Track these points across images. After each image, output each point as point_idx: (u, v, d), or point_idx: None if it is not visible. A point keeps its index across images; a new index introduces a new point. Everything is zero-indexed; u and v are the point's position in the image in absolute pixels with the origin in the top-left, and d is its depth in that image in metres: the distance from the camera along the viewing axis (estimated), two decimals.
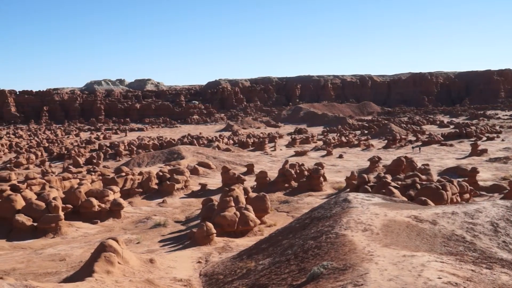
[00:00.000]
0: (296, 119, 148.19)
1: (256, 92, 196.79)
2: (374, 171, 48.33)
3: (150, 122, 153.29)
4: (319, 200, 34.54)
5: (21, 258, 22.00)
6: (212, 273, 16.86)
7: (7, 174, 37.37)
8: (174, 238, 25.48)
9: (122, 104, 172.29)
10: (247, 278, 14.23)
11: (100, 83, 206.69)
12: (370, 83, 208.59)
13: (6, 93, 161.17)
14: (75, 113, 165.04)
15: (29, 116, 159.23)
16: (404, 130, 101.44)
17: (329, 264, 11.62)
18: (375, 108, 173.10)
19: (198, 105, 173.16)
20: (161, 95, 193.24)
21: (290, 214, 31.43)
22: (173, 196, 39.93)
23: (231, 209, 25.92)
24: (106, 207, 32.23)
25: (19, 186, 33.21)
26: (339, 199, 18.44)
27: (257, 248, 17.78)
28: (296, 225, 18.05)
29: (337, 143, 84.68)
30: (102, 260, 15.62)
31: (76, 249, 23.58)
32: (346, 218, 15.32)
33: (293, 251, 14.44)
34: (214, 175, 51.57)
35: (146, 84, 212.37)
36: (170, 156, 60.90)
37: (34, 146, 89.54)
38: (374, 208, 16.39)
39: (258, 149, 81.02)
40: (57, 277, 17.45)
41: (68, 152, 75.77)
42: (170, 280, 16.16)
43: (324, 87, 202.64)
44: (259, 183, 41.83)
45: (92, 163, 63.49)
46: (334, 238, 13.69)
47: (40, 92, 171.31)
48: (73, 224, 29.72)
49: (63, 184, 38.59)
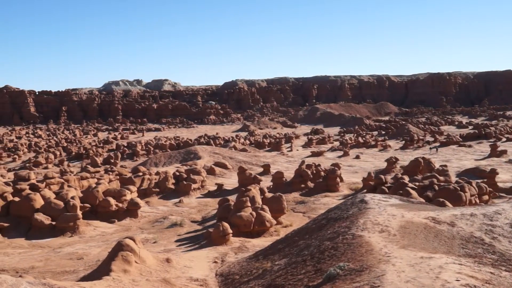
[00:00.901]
0: (312, 119, 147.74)
1: (273, 92, 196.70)
2: (391, 172, 48.00)
3: (167, 122, 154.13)
4: (335, 200, 34.39)
5: (40, 257, 22.26)
6: (228, 273, 16.88)
7: (27, 174, 37.86)
8: (191, 238, 25.57)
9: (140, 104, 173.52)
10: (263, 278, 14.22)
11: (118, 84, 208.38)
12: (387, 83, 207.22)
13: (25, 94, 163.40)
14: (93, 113, 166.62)
15: (48, 116, 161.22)
16: (421, 131, 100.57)
17: (345, 265, 11.56)
18: (392, 109, 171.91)
19: (214, 106, 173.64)
20: (178, 95, 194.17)
21: (307, 214, 31.34)
22: (190, 196, 40.08)
23: (247, 209, 25.92)
24: (123, 206, 32.46)
25: (38, 185, 33.61)
26: (355, 200, 18.33)
27: (273, 248, 17.76)
28: (312, 225, 17.98)
29: (354, 144, 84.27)
30: (119, 259, 15.72)
31: (93, 248, 23.79)
32: (363, 219, 15.22)
33: (309, 251, 14.39)
34: (230, 175, 51.65)
35: (163, 84, 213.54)
36: (187, 156, 61.13)
37: (53, 146, 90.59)
38: (391, 209, 16.26)
39: (275, 149, 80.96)
40: (75, 276, 17.62)
41: (86, 152, 76.53)
42: (186, 279, 16.21)
43: (341, 88, 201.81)
44: (275, 184, 41.79)
45: (110, 162, 64.01)
46: (350, 239, 13.61)
47: (59, 93, 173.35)
48: (91, 223, 29.99)
49: (81, 183, 38.97)
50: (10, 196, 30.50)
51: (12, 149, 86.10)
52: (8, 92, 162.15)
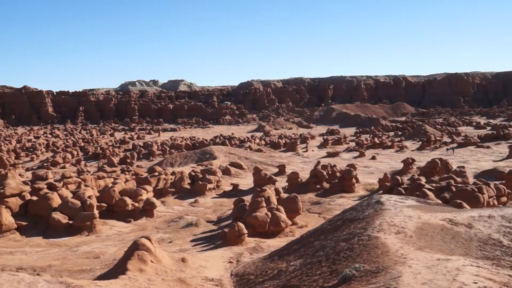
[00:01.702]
0: (328, 120, 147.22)
1: (288, 92, 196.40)
2: (407, 173, 47.67)
3: (182, 123, 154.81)
4: (351, 201, 34.23)
5: (57, 255, 22.48)
6: (243, 273, 16.88)
7: (44, 173, 38.26)
8: (206, 238, 25.63)
9: (156, 105, 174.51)
10: (278, 279, 14.20)
11: (134, 84, 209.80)
12: (404, 83, 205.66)
13: (43, 94, 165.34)
14: (110, 113, 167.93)
15: (65, 116, 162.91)
16: (439, 132, 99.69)
17: (361, 267, 11.49)
18: (409, 109, 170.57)
19: (230, 106, 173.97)
20: (193, 95, 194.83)
21: (322, 215, 31.24)
22: (205, 196, 40.20)
23: (263, 209, 25.90)
24: (139, 206, 32.66)
25: (55, 185, 33.95)
26: (371, 201, 18.22)
27: (288, 249, 17.72)
28: (327, 226, 17.91)
29: (370, 144, 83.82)
30: (135, 259, 15.81)
31: (110, 247, 23.96)
32: (379, 220, 15.12)
33: (324, 252, 14.33)
34: (245, 175, 51.70)
35: (179, 84, 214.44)
36: (203, 156, 61.32)
37: (70, 146, 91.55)
38: (408, 210, 16.13)
39: (290, 150, 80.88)
40: (92, 275, 17.77)
41: (103, 152, 77.21)
42: (201, 279, 16.25)
43: (357, 88, 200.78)
44: (291, 184, 41.73)
45: (126, 162, 64.49)
46: (366, 240, 13.52)
47: (76, 93, 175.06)
48: (107, 222, 30.21)
49: (98, 183, 39.28)
50: (28, 195, 30.86)
51: (30, 149, 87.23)
52: (27, 93, 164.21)
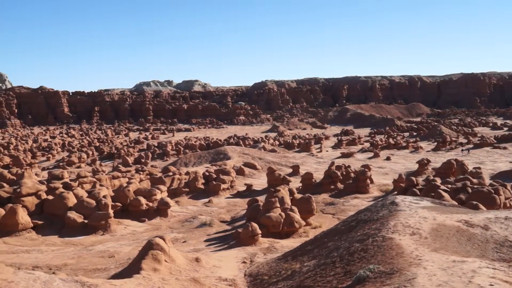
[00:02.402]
0: (342, 120, 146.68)
1: (302, 93, 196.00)
2: (422, 174, 47.29)
3: (197, 123, 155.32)
4: (365, 202, 34.05)
5: (72, 254, 22.67)
6: (257, 273, 16.88)
7: (60, 173, 38.68)
8: (220, 238, 25.66)
9: (170, 105, 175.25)
10: (292, 279, 14.17)
11: (149, 84, 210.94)
12: (419, 84, 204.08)
13: (59, 94, 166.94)
14: (124, 114, 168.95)
15: (81, 116, 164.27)
16: (454, 132, 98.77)
17: (375, 268, 11.43)
18: (424, 110, 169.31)
19: (244, 106, 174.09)
20: (208, 96, 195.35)
21: (336, 216, 31.12)
22: (219, 196, 40.26)
23: (276, 210, 25.87)
24: (153, 206, 32.81)
25: (71, 184, 34.28)
26: (386, 202, 18.10)
27: (302, 249, 17.68)
28: (342, 227, 17.84)
29: (385, 145, 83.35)
30: (150, 258, 15.88)
31: (124, 247, 24.10)
32: (394, 221, 15.02)
33: (338, 253, 14.28)
34: (259, 175, 51.70)
35: (193, 85, 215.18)
36: (217, 156, 61.44)
37: (85, 146, 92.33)
38: (423, 211, 16.00)
39: (304, 150, 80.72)
40: (106, 273, 17.88)
41: (118, 152, 77.75)
42: (215, 279, 16.28)
43: (372, 88, 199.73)
44: (305, 185, 41.63)
45: (141, 162, 64.85)
46: (381, 242, 13.44)
47: (92, 93, 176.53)
48: (122, 222, 30.40)
49: (113, 182, 39.56)
50: (44, 195, 31.19)
51: (46, 149, 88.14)
52: (43, 93, 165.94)
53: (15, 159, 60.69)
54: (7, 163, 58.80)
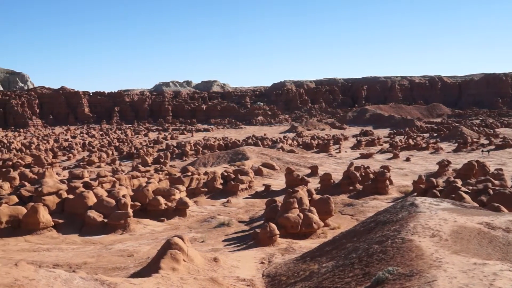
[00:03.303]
0: (361, 121, 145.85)
1: (321, 93, 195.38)
2: (443, 175, 46.78)
3: (215, 123, 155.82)
4: (384, 203, 33.80)
5: (92, 253, 22.88)
6: (275, 274, 16.85)
7: (80, 172, 39.14)
8: (238, 238, 25.69)
9: (189, 105, 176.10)
10: (310, 280, 14.12)
11: (168, 85, 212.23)
12: (440, 84, 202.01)
13: (80, 94, 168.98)
14: (144, 114, 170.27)
15: (101, 116, 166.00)
16: (476, 133, 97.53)
17: (394, 270, 11.33)
18: (445, 110, 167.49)
19: (263, 107, 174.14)
20: (226, 96, 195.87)
21: (355, 217, 30.94)
22: (237, 196, 40.31)
23: (295, 210, 25.81)
24: (172, 205, 32.97)
25: (91, 184, 34.63)
26: (405, 203, 17.92)
27: (320, 250, 17.60)
28: (360, 228, 17.71)
29: (404, 146, 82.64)
30: (168, 257, 15.95)
31: (143, 246, 24.25)
32: (413, 223, 14.87)
33: (357, 255, 14.18)
34: (278, 176, 51.64)
35: (212, 85, 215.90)
36: (235, 156, 61.53)
37: (105, 145, 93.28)
38: (443, 213, 15.81)
39: (323, 151, 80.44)
40: (125, 272, 18.00)
41: (137, 152, 78.37)
42: (233, 279, 16.29)
43: (391, 89, 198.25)
44: (323, 185, 41.48)
45: (160, 162, 65.24)
46: (400, 243, 13.32)
47: (112, 93, 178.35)
48: (141, 221, 30.60)
49: (132, 182, 39.87)
50: (65, 194, 31.57)
51: (67, 148, 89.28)
52: (64, 93, 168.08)
53: (36, 159, 61.53)
54: (29, 162, 59.63)
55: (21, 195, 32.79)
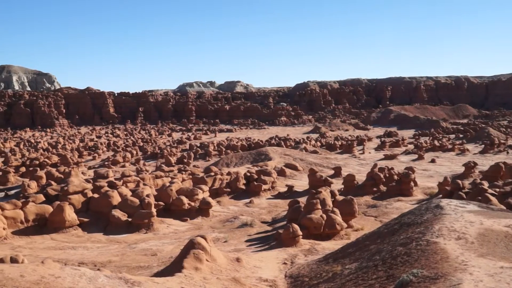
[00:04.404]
0: (386, 121, 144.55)
1: (345, 94, 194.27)
2: (469, 177, 46.03)
3: (238, 124, 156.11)
4: (409, 205, 33.43)
5: (116, 252, 23.13)
6: (298, 275, 16.80)
7: (105, 172, 39.65)
8: (260, 238, 25.68)
9: (212, 106, 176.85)
10: (333, 282, 14.03)
11: (191, 85, 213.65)
12: (466, 84, 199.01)
13: (105, 95, 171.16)
14: (168, 114, 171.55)
15: (126, 116, 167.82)
16: (503, 135, 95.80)
17: (419, 272, 11.19)
18: (471, 111, 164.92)
19: (286, 107, 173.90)
20: (250, 96, 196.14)
21: (378, 218, 30.66)
22: (260, 197, 40.30)
23: (318, 211, 25.69)
24: (195, 205, 33.13)
25: (115, 183, 35.02)
26: (430, 205, 17.69)
27: (343, 252, 17.49)
28: (384, 230, 17.54)
29: (429, 147, 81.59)
30: (191, 257, 16.03)
31: (166, 245, 24.41)
32: (438, 225, 14.66)
33: (381, 256, 14.05)
34: (301, 177, 51.48)
35: (235, 86, 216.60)
36: (258, 157, 61.53)
37: (130, 145, 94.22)
38: (469, 215, 15.56)
39: (346, 151, 79.93)
40: (149, 271, 18.15)
41: (161, 152, 78.96)
42: (256, 279, 16.29)
43: (416, 89, 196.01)
44: (347, 186, 41.20)
45: (183, 162, 65.62)
46: (425, 246, 13.15)
47: (136, 94, 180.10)
48: (164, 220, 30.83)
49: (156, 182, 40.17)
50: (90, 193, 32.01)
51: (92, 148, 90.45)
52: (90, 94, 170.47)
53: (62, 158, 62.49)
54: (55, 162, 60.59)
55: (48, 194, 33.39)
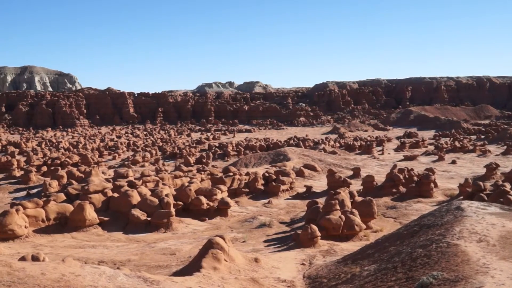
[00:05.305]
0: (405, 122, 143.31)
1: (364, 94, 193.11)
2: (491, 179, 45.37)
3: (257, 124, 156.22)
4: (429, 207, 33.08)
5: (136, 251, 23.30)
6: (316, 276, 16.74)
7: (125, 171, 40.05)
8: (279, 239, 25.65)
9: (231, 106, 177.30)
10: (351, 283, 13.95)
11: (211, 86, 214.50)
12: (488, 85, 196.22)
13: (125, 95, 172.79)
14: (187, 114, 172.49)
15: (145, 116, 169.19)
16: None
17: (439, 275, 11.06)
18: (493, 112, 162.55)
19: (305, 108, 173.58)
20: (268, 97, 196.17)
21: (398, 220, 30.41)
22: (278, 197, 40.26)
23: (336, 212, 25.58)
24: (214, 205, 33.23)
25: (135, 183, 35.33)
26: (451, 207, 17.48)
27: (362, 253, 17.38)
28: (404, 232, 17.39)
29: (450, 148, 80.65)
30: (210, 257, 16.07)
31: (185, 245, 24.51)
32: (459, 227, 14.48)
33: (400, 258, 13.93)
34: (319, 177, 51.31)
35: (254, 86, 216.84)
36: (276, 157, 61.49)
37: (149, 145, 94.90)
38: (491, 217, 15.33)
39: (365, 152, 79.47)
40: (168, 270, 18.24)
41: (180, 152, 79.38)
42: (274, 280, 16.27)
43: (437, 89, 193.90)
44: (366, 187, 40.94)
45: (202, 162, 65.89)
46: (445, 248, 13.00)
47: (156, 94, 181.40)
48: (183, 220, 30.97)
49: (175, 182, 40.39)
50: (110, 192, 32.34)
51: (112, 148, 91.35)
52: (110, 94, 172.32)
53: (83, 158, 63.25)
54: (76, 161, 61.36)
55: (69, 193, 33.83)
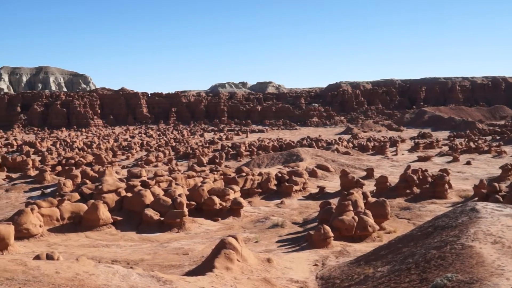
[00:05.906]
0: (419, 123, 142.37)
1: (378, 94, 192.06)
2: (506, 180, 44.92)
3: (270, 124, 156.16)
4: (443, 208, 32.80)
5: (149, 250, 23.40)
6: (329, 276, 16.69)
7: (138, 171, 40.23)
8: (291, 239, 25.61)
9: (244, 106, 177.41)
10: (365, 284, 13.88)
11: (224, 86, 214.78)
12: (503, 85, 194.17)
13: (139, 95, 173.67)
14: (200, 115, 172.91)
15: (159, 116, 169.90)
16: None
17: (453, 276, 10.96)
18: (508, 112, 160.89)
19: (318, 108, 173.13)
20: (281, 97, 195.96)
21: (411, 221, 30.20)
22: (291, 198, 40.20)
23: (349, 213, 25.48)
24: (226, 205, 33.26)
25: (148, 182, 35.47)
26: (465, 208, 17.32)
27: (375, 254, 17.29)
28: (417, 233, 17.27)
29: (465, 149, 79.93)
30: (222, 257, 16.10)
31: (198, 245, 24.56)
32: (474, 228, 14.34)
33: (414, 260, 13.83)
34: (332, 178, 51.15)
35: (267, 86, 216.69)
36: (289, 158, 61.42)
37: (162, 145, 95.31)
38: (506, 219, 15.16)
39: (379, 153, 79.08)
40: (180, 270, 18.30)
41: (193, 152, 79.62)
42: (286, 280, 16.25)
43: (452, 90, 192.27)
44: (379, 188, 40.73)
45: (215, 162, 66.01)
46: (459, 249, 12.88)
47: (169, 95, 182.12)
48: (196, 220, 31.04)
49: (188, 181, 40.50)
50: (123, 192, 32.51)
51: (126, 148, 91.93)
52: (124, 94, 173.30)
53: (97, 158, 63.71)
54: (90, 161, 61.83)
55: (83, 192, 34.07)
